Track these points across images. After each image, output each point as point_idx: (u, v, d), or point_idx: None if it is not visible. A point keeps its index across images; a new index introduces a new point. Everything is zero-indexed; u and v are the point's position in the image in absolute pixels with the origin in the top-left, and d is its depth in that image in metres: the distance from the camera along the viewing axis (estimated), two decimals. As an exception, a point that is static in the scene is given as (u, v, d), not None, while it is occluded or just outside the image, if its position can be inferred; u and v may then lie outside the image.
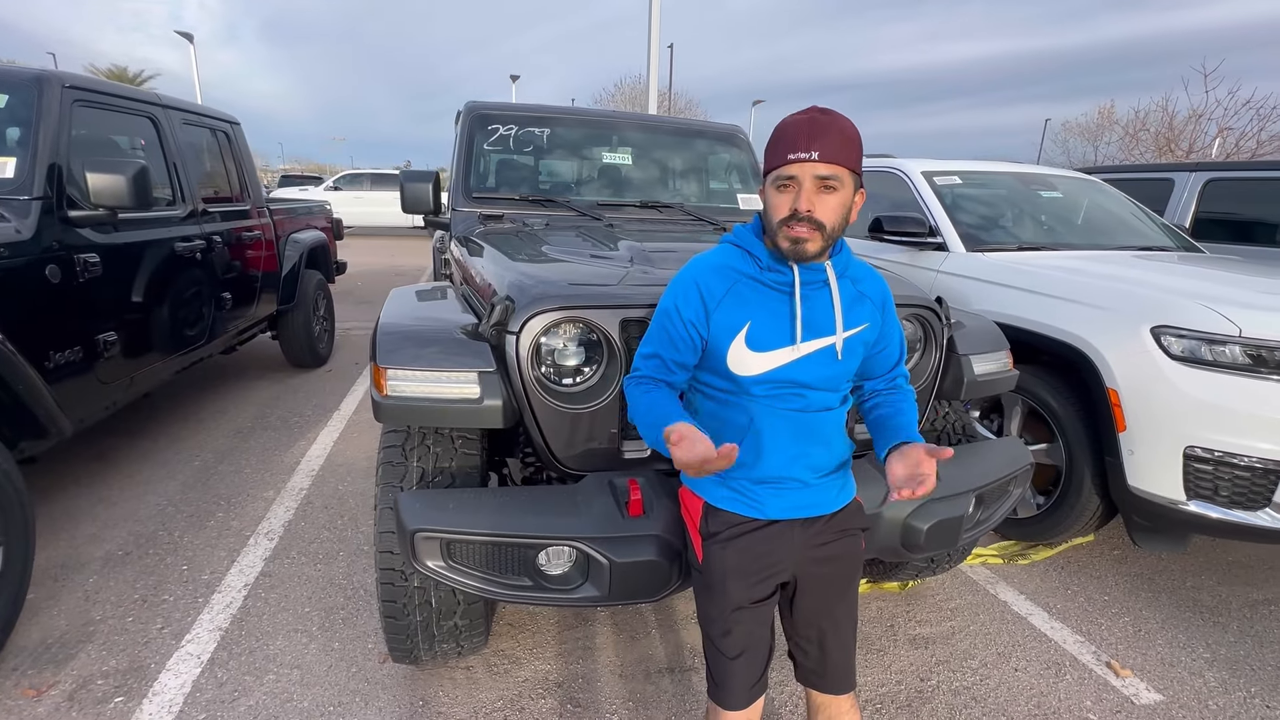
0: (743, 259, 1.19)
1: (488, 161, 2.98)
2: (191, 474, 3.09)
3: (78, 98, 2.56)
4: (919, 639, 2.13)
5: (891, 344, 1.29)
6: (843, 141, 1.06)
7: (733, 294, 1.16)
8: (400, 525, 1.35)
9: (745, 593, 1.20)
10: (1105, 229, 3.57)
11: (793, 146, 1.06)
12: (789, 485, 1.21)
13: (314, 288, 4.80)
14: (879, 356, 1.28)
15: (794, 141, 1.06)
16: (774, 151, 1.10)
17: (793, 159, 1.05)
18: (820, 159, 1.04)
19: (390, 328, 1.60)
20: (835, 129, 1.06)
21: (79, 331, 2.40)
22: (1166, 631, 2.22)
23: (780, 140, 1.09)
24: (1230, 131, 16.89)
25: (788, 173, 1.07)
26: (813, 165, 1.04)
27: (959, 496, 1.63)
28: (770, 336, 1.15)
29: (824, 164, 1.04)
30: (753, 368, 1.15)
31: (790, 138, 1.07)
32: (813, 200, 1.06)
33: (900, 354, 1.31)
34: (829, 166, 1.05)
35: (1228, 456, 2.11)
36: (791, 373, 1.16)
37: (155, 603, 2.15)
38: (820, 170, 1.05)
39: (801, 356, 1.15)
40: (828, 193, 1.07)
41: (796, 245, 1.09)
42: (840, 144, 1.05)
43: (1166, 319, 2.22)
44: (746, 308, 1.15)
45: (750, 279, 1.17)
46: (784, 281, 1.16)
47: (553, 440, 1.54)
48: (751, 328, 1.14)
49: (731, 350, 1.15)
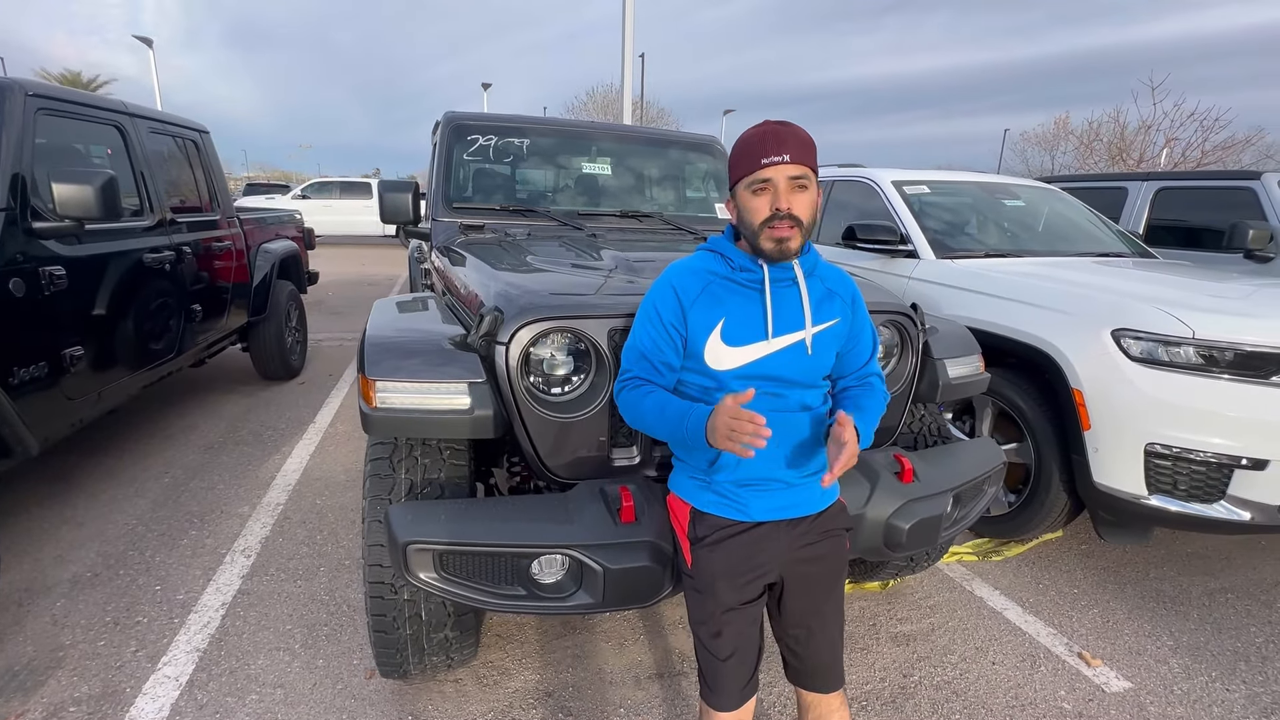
0: (716, 261, 1.26)
1: (467, 171, 2.98)
2: (161, 491, 3.01)
3: (41, 106, 2.48)
4: (900, 636, 2.19)
5: (862, 340, 1.34)
6: (804, 145, 1.16)
7: (707, 293, 1.22)
8: (391, 538, 1.35)
9: (734, 594, 1.22)
10: (1066, 236, 3.73)
11: (764, 152, 1.14)
12: (772, 486, 1.25)
13: (286, 298, 4.72)
14: (850, 353, 1.33)
15: (764, 148, 1.14)
16: (744, 160, 1.17)
17: (766, 163, 1.14)
18: (791, 160, 1.13)
19: (377, 339, 1.59)
20: (797, 134, 1.16)
21: (45, 346, 2.33)
22: (1133, 622, 2.32)
23: (749, 148, 1.17)
24: (1177, 141, 17.73)
25: (763, 176, 1.15)
26: (785, 167, 1.13)
27: (937, 496, 1.68)
28: (744, 331, 1.20)
29: (794, 165, 1.13)
30: (729, 362, 1.21)
31: (760, 145, 1.15)
32: (789, 198, 1.14)
33: (871, 351, 1.36)
34: (798, 167, 1.14)
35: (1185, 452, 2.22)
36: (766, 367, 1.21)
37: (128, 625, 2.09)
38: (792, 171, 1.13)
39: (774, 351, 1.21)
40: (800, 191, 1.15)
41: (781, 244, 1.16)
42: (803, 147, 1.15)
43: (1126, 322, 2.33)
44: (720, 305, 1.22)
45: (723, 279, 1.24)
46: (755, 279, 1.22)
47: (542, 449, 1.55)
48: (726, 323, 1.20)
49: (708, 346, 1.21)
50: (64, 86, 2.83)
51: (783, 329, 1.22)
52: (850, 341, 1.32)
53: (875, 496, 1.61)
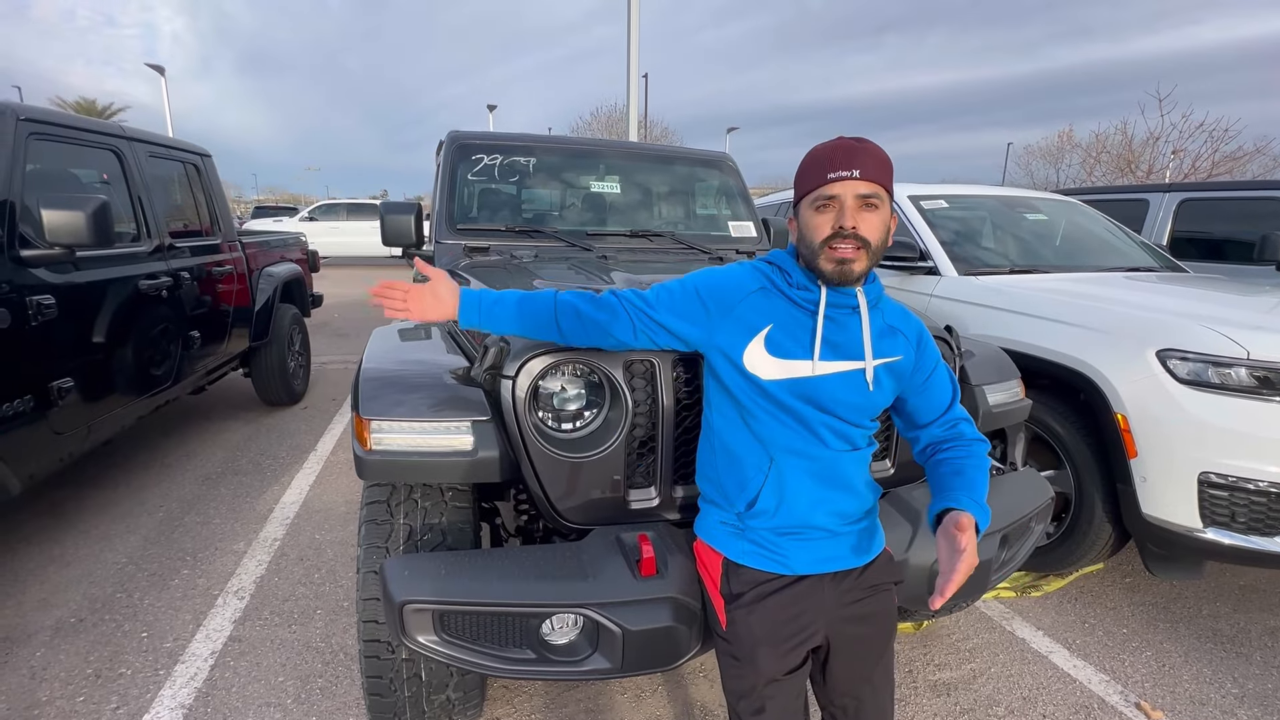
0: (774, 273, 1.16)
1: (471, 192, 2.88)
2: (155, 527, 2.88)
3: (33, 130, 2.41)
4: (940, 685, 2.02)
5: (938, 381, 1.20)
6: (879, 163, 1.05)
7: (761, 294, 1.13)
8: (387, 596, 1.21)
9: (777, 663, 1.08)
10: (1091, 250, 3.59)
11: (833, 166, 1.03)
12: (814, 535, 1.11)
13: (289, 322, 4.63)
14: (925, 397, 1.19)
15: (833, 162, 1.04)
16: (811, 174, 1.07)
17: (833, 178, 1.03)
18: (861, 177, 1.02)
19: (373, 373, 1.47)
20: (872, 151, 1.05)
21: (30, 379, 2.23)
22: (1191, 665, 2.14)
23: (817, 163, 1.06)
24: (1185, 153, 17.62)
25: (829, 192, 1.04)
26: (854, 184, 1.02)
27: (984, 538, 1.53)
28: (789, 345, 1.09)
29: (865, 182, 1.03)
30: (770, 372, 1.09)
31: (829, 159, 1.05)
32: (856, 217, 1.03)
33: (953, 394, 1.22)
34: (869, 185, 1.03)
35: (1242, 481, 2.07)
36: (816, 392, 1.08)
37: (110, 678, 1.95)
38: (862, 189, 1.03)
39: (825, 375, 1.09)
40: (869, 210, 1.04)
41: (842, 266, 1.05)
42: (877, 164, 1.04)
43: (1172, 342, 2.19)
44: (770, 314, 1.11)
45: (778, 291, 1.13)
46: (810, 299, 1.11)
47: (553, 491, 1.42)
48: (772, 331, 1.10)
49: (749, 349, 1.10)
50: (58, 110, 2.77)
51: (837, 355, 1.10)
52: (921, 383, 1.18)
53: (918, 540, 1.47)
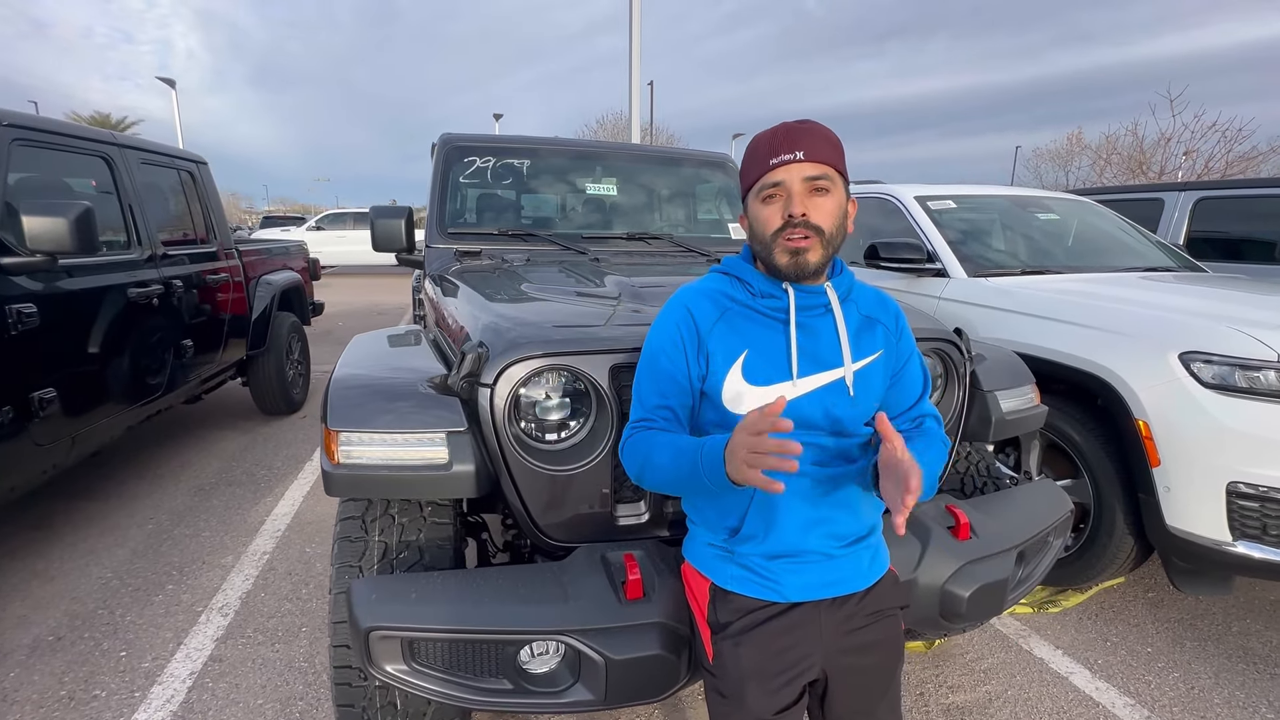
0: (734, 285, 1.05)
1: (464, 195, 2.82)
2: (143, 539, 2.82)
3: (17, 136, 2.37)
4: (953, 709, 1.91)
5: (909, 373, 1.10)
6: (826, 142, 0.96)
7: (725, 321, 1.02)
8: (353, 620, 1.13)
9: (767, 700, 0.99)
10: (1106, 250, 3.47)
11: (774, 151, 0.95)
12: (809, 559, 1.02)
13: (287, 330, 4.58)
14: (896, 389, 1.10)
15: (775, 147, 0.95)
16: (753, 164, 0.98)
17: (776, 163, 0.95)
18: (806, 158, 0.94)
19: (345, 382, 1.39)
20: (817, 131, 0.97)
21: (10, 389, 2.17)
22: (1222, 689, 2.01)
23: (758, 150, 0.98)
24: (1197, 153, 17.36)
25: (773, 179, 0.95)
26: (799, 166, 0.94)
27: (999, 555, 1.43)
28: (768, 369, 0.99)
29: (811, 163, 0.94)
30: (751, 402, 0.98)
31: (770, 144, 0.96)
32: (805, 203, 0.94)
33: (924, 387, 1.13)
34: (816, 166, 0.94)
35: (1274, 491, 1.94)
36: (798, 412, 0.98)
37: (84, 701, 1.88)
38: (808, 170, 0.94)
39: (805, 393, 0.99)
40: (820, 195, 0.95)
41: (796, 256, 0.96)
42: (824, 143, 0.96)
43: (1196, 344, 2.07)
44: (742, 337, 1.01)
45: (743, 306, 1.03)
46: (779, 308, 1.01)
47: (534, 507, 1.33)
48: (749, 357, 1.00)
49: (727, 383, 1.00)
50: (45, 116, 2.73)
51: (815, 367, 1.00)
52: (893, 374, 1.09)
53: (927, 558, 1.37)
